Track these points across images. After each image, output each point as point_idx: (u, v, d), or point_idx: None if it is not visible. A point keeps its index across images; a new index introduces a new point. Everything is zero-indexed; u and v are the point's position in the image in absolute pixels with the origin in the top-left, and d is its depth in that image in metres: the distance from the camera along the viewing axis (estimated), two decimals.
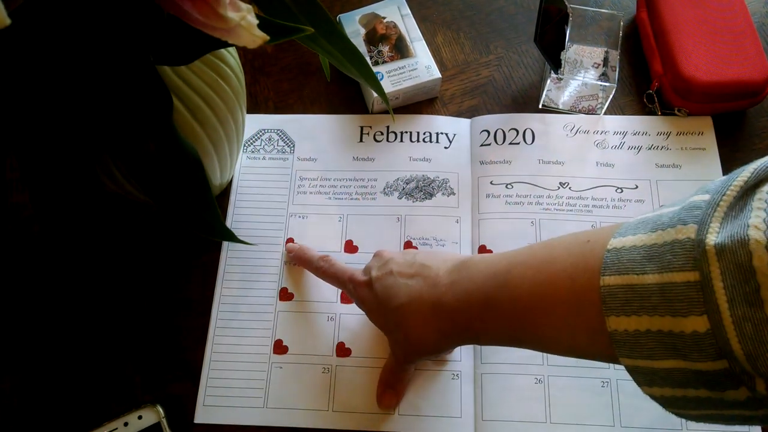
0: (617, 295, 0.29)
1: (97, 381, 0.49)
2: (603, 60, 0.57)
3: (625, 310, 0.28)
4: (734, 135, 0.56)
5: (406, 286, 0.41)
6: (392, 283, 0.42)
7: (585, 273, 0.31)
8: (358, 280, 0.45)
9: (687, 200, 0.29)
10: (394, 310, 0.41)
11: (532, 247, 0.38)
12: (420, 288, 0.41)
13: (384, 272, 0.43)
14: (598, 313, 0.30)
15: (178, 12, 0.28)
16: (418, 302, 0.40)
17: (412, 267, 0.42)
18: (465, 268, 0.40)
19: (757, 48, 0.54)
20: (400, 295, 0.41)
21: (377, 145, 0.58)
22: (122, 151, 0.37)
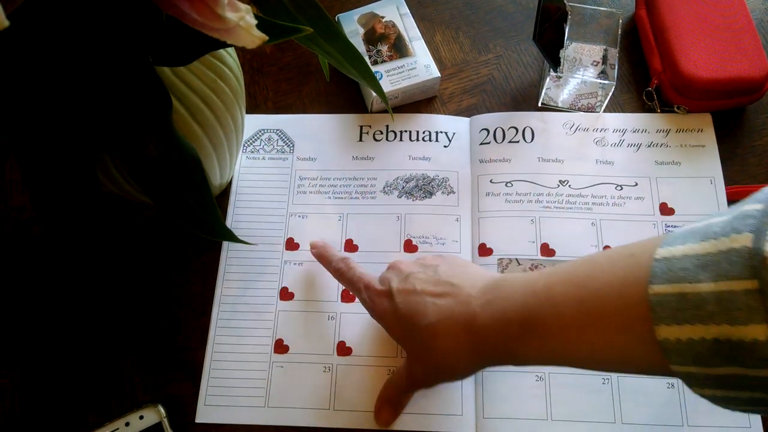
0: (668, 304, 0.29)
1: (98, 381, 0.50)
2: (602, 58, 0.57)
3: (676, 318, 0.28)
4: (733, 132, 0.56)
5: (434, 304, 0.40)
6: (418, 300, 0.40)
7: (633, 286, 0.31)
8: (376, 289, 0.43)
9: (738, 209, 0.29)
10: (422, 330, 0.40)
11: (571, 264, 0.36)
12: (451, 307, 0.39)
13: (407, 287, 0.41)
14: (646, 324, 0.29)
15: (176, 13, 0.28)
16: (449, 322, 0.39)
17: (439, 284, 0.41)
18: (499, 286, 0.39)
19: (756, 45, 0.54)
20: (429, 313, 0.39)
21: (377, 144, 0.58)
22: (121, 152, 0.37)
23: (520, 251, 0.52)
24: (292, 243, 0.54)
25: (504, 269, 0.51)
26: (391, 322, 0.42)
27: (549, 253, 0.52)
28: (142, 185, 0.37)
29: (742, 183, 0.54)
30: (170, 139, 0.37)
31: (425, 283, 0.41)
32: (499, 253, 0.52)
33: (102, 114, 0.35)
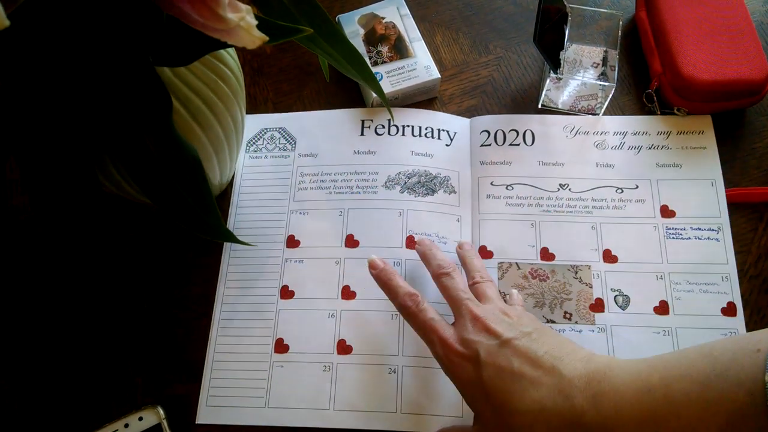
0: None
1: (98, 382, 0.49)
2: (602, 59, 0.57)
3: None
4: (734, 134, 0.56)
5: (532, 389, 0.36)
6: (512, 380, 0.37)
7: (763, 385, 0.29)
8: (457, 350, 0.40)
9: None
10: (515, 415, 0.36)
11: (687, 357, 0.34)
12: (552, 397, 0.36)
13: (500, 362, 0.38)
14: None
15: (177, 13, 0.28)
16: (550, 414, 0.35)
17: (537, 366, 0.37)
18: (606, 379, 0.36)
19: (757, 47, 0.54)
20: (526, 400, 0.36)
21: (378, 138, 0.57)
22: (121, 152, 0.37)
23: (520, 255, 0.52)
24: (293, 240, 0.54)
25: (504, 273, 0.51)
26: (475, 393, 0.39)
27: (549, 257, 0.52)
28: (141, 186, 0.37)
29: (742, 185, 0.54)
30: (170, 139, 0.37)
31: (520, 359, 0.37)
32: (499, 257, 0.52)
33: (102, 114, 0.35)
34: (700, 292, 0.50)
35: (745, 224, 0.53)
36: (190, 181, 0.38)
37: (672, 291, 0.50)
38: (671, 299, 0.50)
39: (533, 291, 0.51)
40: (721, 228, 0.52)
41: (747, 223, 0.53)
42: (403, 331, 0.49)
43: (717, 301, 0.50)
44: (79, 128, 0.36)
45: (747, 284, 0.50)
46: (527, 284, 0.51)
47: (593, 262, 0.51)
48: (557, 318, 0.50)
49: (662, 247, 0.52)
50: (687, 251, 0.51)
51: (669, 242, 0.52)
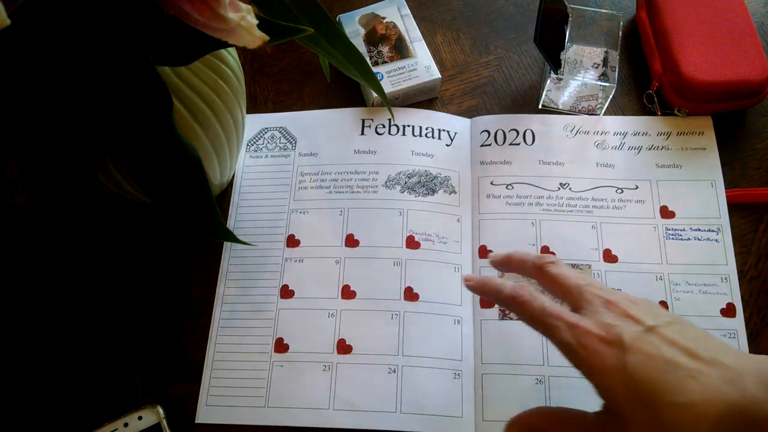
0: None
1: (98, 381, 0.50)
2: (603, 60, 0.57)
3: None
4: (734, 135, 0.56)
5: (693, 380, 0.32)
6: (665, 370, 0.32)
7: None
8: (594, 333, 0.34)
9: None
10: (674, 408, 0.32)
11: None
12: (718, 387, 0.31)
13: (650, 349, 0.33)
14: None
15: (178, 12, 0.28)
16: (716, 407, 0.31)
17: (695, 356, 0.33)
18: None
19: (757, 48, 0.54)
20: (687, 391, 0.31)
21: (379, 138, 0.57)
22: (122, 152, 0.37)
23: None
24: (293, 239, 0.54)
25: (504, 273, 0.51)
26: (616, 383, 0.33)
27: None
28: (142, 185, 0.37)
29: (742, 186, 0.54)
30: (171, 139, 0.37)
31: (673, 349, 0.33)
32: None
33: (102, 113, 0.35)
34: (700, 293, 0.50)
35: (746, 225, 0.53)
36: (190, 180, 0.38)
37: (671, 292, 0.50)
38: (671, 300, 0.50)
39: None
40: (720, 229, 0.52)
41: (747, 224, 0.53)
42: (403, 331, 0.49)
43: (716, 301, 0.50)
44: (80, 127, 0.36)
45: (747, 285, 0.50)
46: (527, 283, 0.51)
47: (593, 261, 0.51)
48: None
49: (662, 247, 0.52)
50: (686, 252, 0.51)
51: (669, 243, 0.52)
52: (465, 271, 0.52)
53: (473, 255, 0.53)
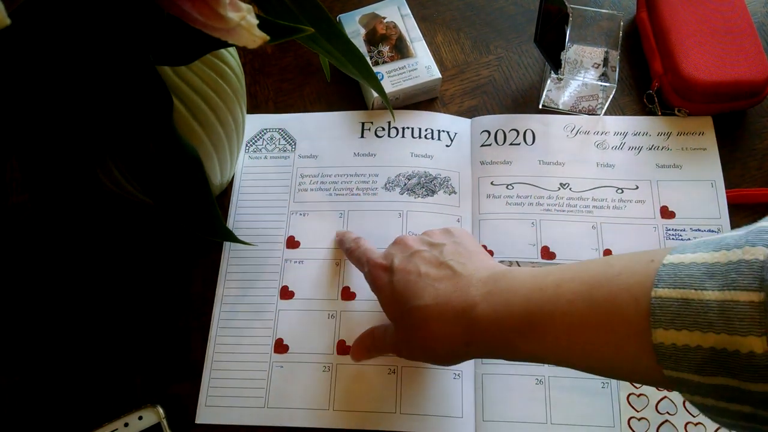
0: (669, 308, 0.28)
1: (98, 381, 0.49)
2: (603, 60, 0.57)
3: (674, 323, 0.28)
4: (734, 135, 0.56)
5: (431, 287, 0.39)
6: (416, 281, 0.40)
7: (649, 292, 0.30)
8: (376, 262, 0.43)
9: (754, 225, 0.29)
10: (416, 309, 0.39)
11: (583, 263, 0.35)
12: (449, 292, 0.38)
13: (409, 267, 0.41)
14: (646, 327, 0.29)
15: (178, 12, 0.28)
16: (444, 306, 0.38)
17: (441, 267, 0.40)
18: (504, 278, 0.38)
19: (758, 48, 0.54)
20: (425, 295, 0.39)
21: (378, 141, 0.57)
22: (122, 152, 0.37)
23: (520, 254, 0.52)
24: (293, 241, 0.54)
25: None
26: (386, 296, 0.42)
27: (549, 256, 0.52)
28: (142, 185, 0.37)
29: (742, 186, 0.54)
30: (171, 138, 0.37)
31: (428, 265, 0.40)
32: (499, 256, 0.52)
33: (103, 113, 0.35)
34: None
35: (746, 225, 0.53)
36: (190, 180, 0.38)
37: None
38: None
39: None
40: (721, 229, 0.52)
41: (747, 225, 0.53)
42: None
43: None
44: (80, 127, 0.36)
45: None
46: None
47: None
48: None
49: (662, 247, 0.52)
50: None
51: (669, 243, 0.52)
52: None
53: None
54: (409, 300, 0.39)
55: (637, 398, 0.47)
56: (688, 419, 0.46)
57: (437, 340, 0.39)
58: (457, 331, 0.38)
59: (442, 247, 0.42)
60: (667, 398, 0.47)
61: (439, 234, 0.44)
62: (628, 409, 0.47)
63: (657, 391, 0.47)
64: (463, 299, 0.38)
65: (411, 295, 0.39)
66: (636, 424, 0.46)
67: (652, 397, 0.47)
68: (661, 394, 0.47)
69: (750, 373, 0.26)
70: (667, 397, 0.47)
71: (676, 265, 0.29)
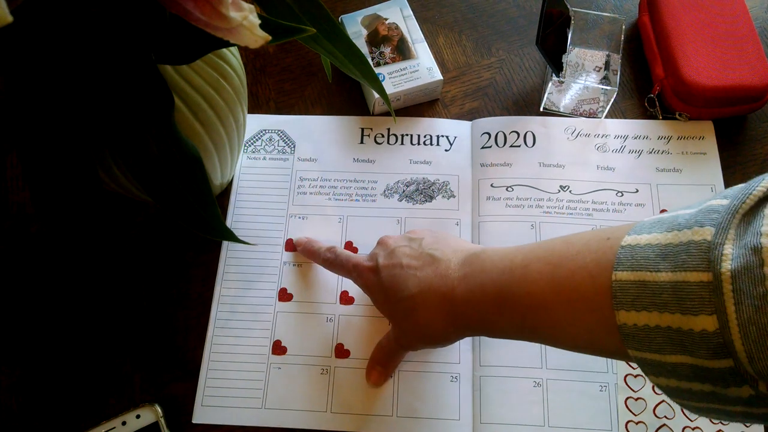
0: (629, 290, 0.30)
1: (96, 380, 0.49)
2: (604, 63, 0.57)
3: (635, 305, 0.29)
4: (735, 140, 0.56)
5: (414, 277, 0.41)
6: (401, 273, 0.42)
7: (604, 270, 0.31)
8: (363, 266, 0.45)
9: (704, 203, 0.29)
10: (403, 300, 0.41)
11: (549, 242, 0.37)
12: (430, 279, 0.41)
13: (391, 262, 0.43)
14: (609, 309, 0.31)
15: (180, 11, 0.28)
16: (428, 293, 0.40)
17: (421, 257, 0.42)
18: (478, 260, 0.40)
19: (759, 53, 0.54)
20: (410, 286, 0.41)
21: (378, 147, 0.58)
22: (123, 150, 0.37)
23: None
24: (292, 244, 0.54)
25: None
26: (377, 294, 0.44)
27: None
28: (143, 184, 0.37)
29: None
30: (172, 137, 0.37)
31: (409, 257, 0.42)
32: None
33: (104, 112, 0.35)
34: None
35: None
36: (190, 179, 0.38)
37: None
38: None
39: None
40: None
41: None
42: None
43: None
44: (81, 126, 0.36)
45: None
46: None
47: None
48: None
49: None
50: None
51: None
52: None
53: None
54: (396, 292, 0.42)
55: (635, 402, 0.47)
56: (686, 423, 0.46)
57: (428, 327, 0.41)
58: (442, 315, 0.40)
59: (421, 240, 0.44)
60: (665, 402, 0.47)
61: (418, 231, 0.46)
62: (626, 412, 0.47)
63: (655, 394, 0.47)
64: (444, 283, 0.40)
65: (398, 288, 0.42)
66: (634, 427, 0.46)
67: (650, 400, 0.47)
68: (659, 398, 0.47)
69: (705, 350, 0.27)
70: (665, 401, 0.47)
71: (633, 247, 0.30)
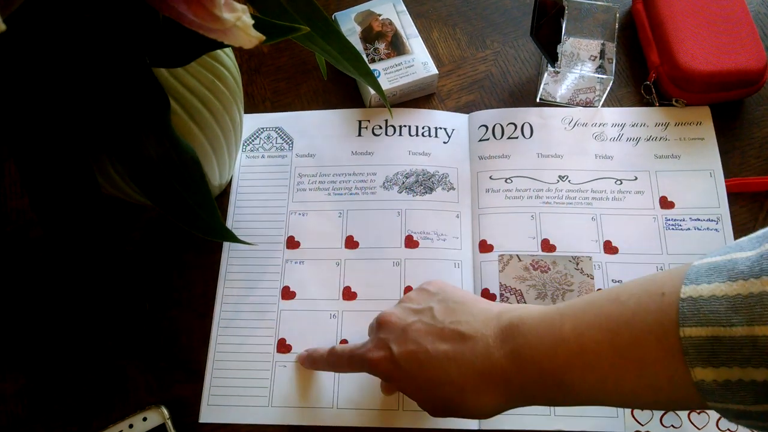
0: (702, 346, 0.28)
1: (101, 383, 0.50)
2: (600, 52, 0.57)
3: (711, 362, 0.28)
4: (732, 124, 0.56)
5: (448, 359, 0.37)
6: (427, 359, 0.38)
7: (669, 330, 0.30)
8: (374, 357, 0.40)
9: (763, 246, 0.28)
10: (444, 386, 0.37)
11: (594, 302, 0.35)
12: (470, 361, 0.37)
13: (409, 348, 0.38)
14: (682, 366, 0.29)
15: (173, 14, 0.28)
16: (474, 377, 0.37)
17: (444, 336, 0.38)
18: (519, 333, 0.36)
19: (754, 37, 0.54)
20: (448, 371, 0.37)
21: (376, 139, 0.57)
22: (120, 154, 0.37)
23: (520, 247, 0.52)
24: (293, 241, 0.54)
25: (505, 266, 0.51)
26: (405, 383, 0.39)
27: (550, 248, 0.52)
28: (141, 187, 0.37)
29: (741, 175, 0.54)
30: (169, 140, 0.37)
31: (428, 337, 0.38)
32: (499, 250, 0.52)
33: (100, 116, 0.35)
34: None
35: (746, 214, 0.53)
36: (188, 180, 0.38)
37: None
38: None
39: (535, 282, 0.51)
40: (720, 218, 0.52)
41: (747, 213, 0.53)
42: None
43: None
44: (77, 129, 0.36)
45: None
46: (528, 276, 0.51)
47: (594, 253, 0.52)
48: None
49: (662, 238, 0.52)
50: (687, 242, 0.51)
51: (668, 233, 0.52)
52: (465, 266, 0.52)
53: (473, 250, 0.53)
54: (431, 380, 0.38)
55: (641, 411, 0.47)
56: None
57: (478, 408, 0.37)
58: (496, 395, 0.37)
59: (431, 311, 0.40)
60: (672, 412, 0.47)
61: (417, 296, 0.42)
62: (632, 422, 0.47)
63: None
64: (489, 364, 0.36)
65: (432, 375, 0.38)
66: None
67: None
68: None
69: None
70: None
71: (695, 299, 0.29)
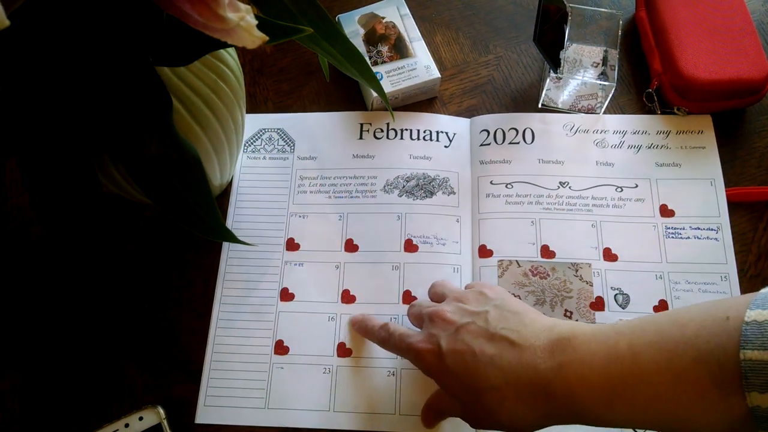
0: (762, 371, 0.28)
1: (98, 382, 0.49)
2: (602, 59, 0.57)
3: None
4: (734, 133, 0.56)
5: (493, 366, 0.37)
6: (473, 361, 0.38)
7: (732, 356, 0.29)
8: (422, 348, 0.40)
9: None
10: (486, 392, 0.37)
11: (655, 323, 0.34)
12: (516, 370, 0.36)
13: (458, 347, 0.39)
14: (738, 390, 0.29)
15: (177, 13, 0.28)
16: (517, 386, 0.36)
17: (495, 341, 0.38)
18: (570, 346, 0.36)
19: (757, 46, 0.54)
20: (491, 376, 0.37)
21: (377, 143, 0.57)
22: (121, 152, 0.37)
23: (520, 253, 0.52)
24: (293, 243, 0.54)
25: (504, 271, 0.51)
26: (446, 380, 0.40)
27: (549, 255, 0.52)
28: (142, 186, 0.37)
29: (742, 185, 0.54)
30: (170, 139, 0.37)
31: (480, 341, 0.38)
32: (499, 255, 0.52)
33: (102, 114, 0.35)
34: (699, 292, 0.50)
35: (746, 224, 0.53)
36: (190, 180, 0.38)
37: (671, 290, 0.50)
38: (671, 298, 0.50)
39: (534, 288, 0.51)
40: (720, 227, 0.52)
41: (747, 223, 0.53)
42: None
43: None
44: (79, 128, 0.36)
45: (747, 284, 0.50)
46: (527, 281, 0.51)
47: (593, 260, 0.51)
48: (558, 316, 0.50)
49: (661, 246, 0.52)
50: (686, 250, 0.51)
51: (668, 241, 0.52)
52: (464, 271, 0.52)
53: (473, 255, 0.53)
54: (474, 382, 0.38)
55: None
56: None
57: (515, 420, 0.37)
58: (535, 409, 0.36)
59: (486, 315, 0.40)
60: None
61: (474, 298, 0.42)
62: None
63: None
64: (534, 375, 0.36)
65: (475, 378, 0.38)
66: None
67: None
68: None
69: None
70: None
71: (761, 323, 0.28)
